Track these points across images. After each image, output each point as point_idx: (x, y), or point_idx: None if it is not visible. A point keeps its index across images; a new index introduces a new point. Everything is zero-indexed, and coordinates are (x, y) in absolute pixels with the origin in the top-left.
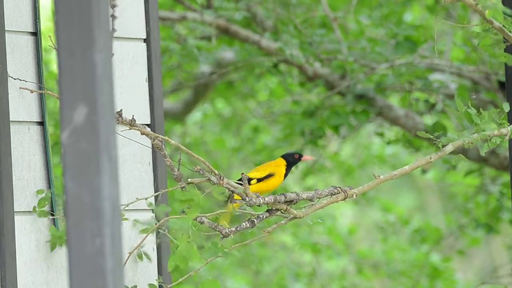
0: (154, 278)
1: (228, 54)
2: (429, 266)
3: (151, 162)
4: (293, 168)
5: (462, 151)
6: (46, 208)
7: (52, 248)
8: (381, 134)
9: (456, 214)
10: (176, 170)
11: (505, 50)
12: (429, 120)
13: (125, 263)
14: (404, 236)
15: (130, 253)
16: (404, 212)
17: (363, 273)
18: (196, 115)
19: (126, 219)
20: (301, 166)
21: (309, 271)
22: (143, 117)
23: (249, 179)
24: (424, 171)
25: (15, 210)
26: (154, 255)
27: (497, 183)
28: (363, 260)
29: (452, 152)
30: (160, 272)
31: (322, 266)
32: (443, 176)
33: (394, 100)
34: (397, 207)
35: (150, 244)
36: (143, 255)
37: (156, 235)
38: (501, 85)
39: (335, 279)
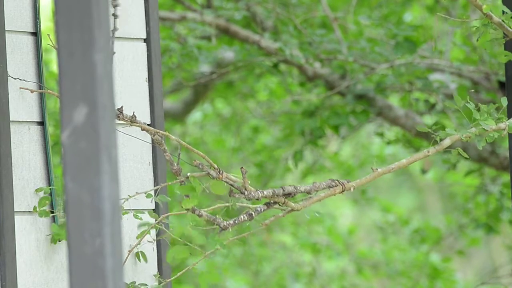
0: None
1: (228, 54)
2: (428, 266)
3: (151, 162)
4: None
5: (462, 150)
6: (46, 207)
7: (52, 242)
8: (381, 134)
9: (456, 214)
10: (175, 164)
11: (505, 46)
12: (429, 120)
13: (125, 261)
14: (403, 236)
15: (129, 251)
16: (404, 212)
17: (363, 273)
18: (196, 115)
19: (126, 212)
20: (300, 166)
21: (309, 271)
22: (143, 117)
23: None
24: (424, 172)
25: (15, 210)
26: (154, 255)
27: (497, 183)
28: (363, 260)
29: (450, 147)
30: (160, 271)
31: (322, 266)
32: (443, 176)
33: (394, 100)
34: (396, 207)
35: (149, 245)
36: (140, 255)
37: (156, 233)
38: (501, 85)
39: (334, 279)
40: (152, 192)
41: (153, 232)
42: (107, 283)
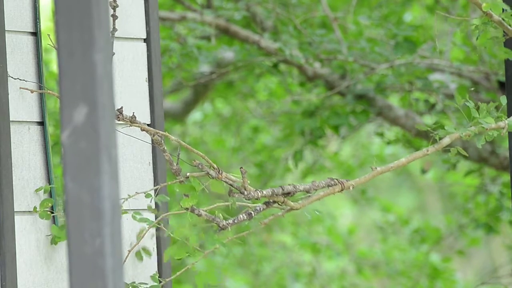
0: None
1: (228, 54)
2: (428, 266)
3: (151, 161)
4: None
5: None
6: (47, 208)
7: (52, 242)
8: (381, 134)
9: (456, 214)
10: (175, 164)
11: (505, 44)
12: (429, 120)
13: (125, 261)
14: (403, 236)
15: (129, 251)
16: (404, 212)
17: (363, 273)
18: (196, 115)
19: (126, 212)
20: (300, 166)
21: (309, 271)
22: (143, 117)
23: None
24: (424, 172)
25: (15, 210)
26: (154, 254)
27: (497, 183)
28: (363, 260)
29: (450, 146)
30: (160, 270)
31: (322, 266)
32: (443, 176)
33: (394, 100)
34: (396, 207)
35: (150, 244)
36: (142, 252)
37: (156, 232)
38: (501, 85)
39: (334, 279)
40: (152, 192)
41: (153, 231)
42: (107, 283)
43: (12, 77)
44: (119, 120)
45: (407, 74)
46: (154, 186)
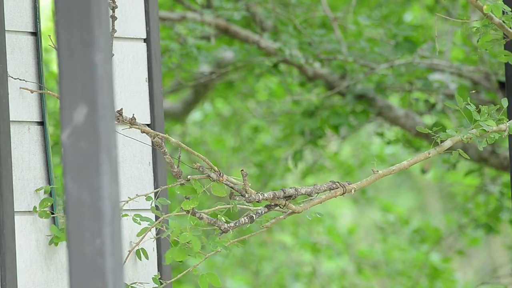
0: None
1: (228, 54)
2: (428, 266)
3: (151, 162)
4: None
5: (462, 150)
6: (47, 208)
7: (51, 243)
8: (381, 134)
9: (456, 214)
10: (175, 167)
11: (505, 46)
12: (429, 120)
13: (125, 261)
14: (403, 236)
15: (129, 251)
16: (403, 212)
17: (363, 273)
18: (196, 115)
19: (126, 215)
20: (300, 166)
21: (309, 271)
22: (143, 117)
23: None
24: (424, 172)
25: (15, 210)
26: (154, 255)
27: (497, 183)
28: (363, 260)
29: (451, 148)
30: (160, 271)
31: (322, 266)
32: (443, 176)
33: (394, 100)
34: (396, 207)
35: (150, 245)
36: (141, 253)
37: (156, 234)
38: (501, 85)
39: (334, 279)
40: (152, 195)
41: (153, 231)
42: (107, 283)
43: (12, 77)
44: (119, 122)
45: (407, 74)
46: (155, 186)
